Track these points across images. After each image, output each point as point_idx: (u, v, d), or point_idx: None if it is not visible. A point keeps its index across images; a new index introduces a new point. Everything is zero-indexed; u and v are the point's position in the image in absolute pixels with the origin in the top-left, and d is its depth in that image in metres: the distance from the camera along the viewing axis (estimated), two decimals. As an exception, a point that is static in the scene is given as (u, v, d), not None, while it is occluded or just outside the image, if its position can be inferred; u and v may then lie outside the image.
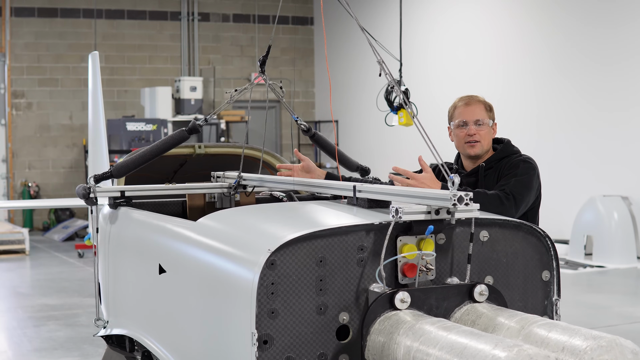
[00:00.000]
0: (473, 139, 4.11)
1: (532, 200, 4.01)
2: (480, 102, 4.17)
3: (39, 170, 17.13)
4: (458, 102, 4.21)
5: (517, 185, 3.93)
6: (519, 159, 4.08)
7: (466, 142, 4.14)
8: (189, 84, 16.80)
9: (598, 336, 2.50)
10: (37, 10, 16.95)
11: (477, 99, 4.19)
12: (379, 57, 3.39)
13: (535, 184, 4.01)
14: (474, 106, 4.14)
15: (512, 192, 3.89)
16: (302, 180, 4.16)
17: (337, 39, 17.68)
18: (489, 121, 4.14)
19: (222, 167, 5.02)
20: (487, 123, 4.13)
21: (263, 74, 4.19)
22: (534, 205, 4.07)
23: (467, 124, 4.12)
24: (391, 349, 2.65)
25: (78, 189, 4.25)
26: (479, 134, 4.11)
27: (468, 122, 4.12)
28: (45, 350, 7.15)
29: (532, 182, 3.99)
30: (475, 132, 4.10)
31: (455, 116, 4.18)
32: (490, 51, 14.30)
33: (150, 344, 3.77)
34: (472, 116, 4.12)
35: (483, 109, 4.14)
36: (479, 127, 4.11)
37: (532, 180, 3.99)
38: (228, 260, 3.03)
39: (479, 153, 4.13)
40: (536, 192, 4.04)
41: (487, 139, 4.14)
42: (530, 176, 3.99)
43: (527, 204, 3.98)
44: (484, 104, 4.18)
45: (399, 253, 2.86)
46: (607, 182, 11.98)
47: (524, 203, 3.93)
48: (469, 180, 4.13)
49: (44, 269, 11.99)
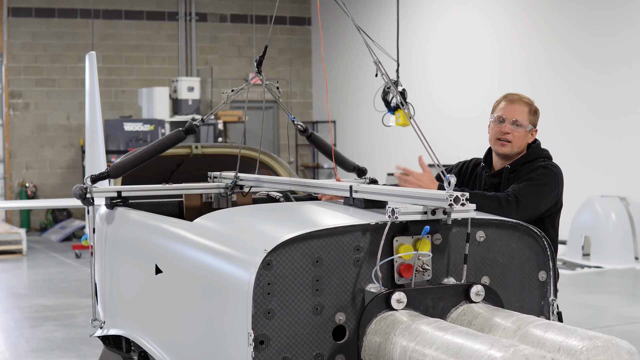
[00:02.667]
0: (505, 138, 4.01)
1: (543, 208, 3.88)
2: (525, 104, 4.06)
3: (36, 171, 17.12)
4: (503, 98, 4.11)
5: (525, 189, 3.83)
6: (539, 164, 3.97)
7: (497, 139, 4.04)
8: (186, 84, 16.79)
9: (594, 336, 2.50)
10: (34, 11, 16.94)
11: (524, 100, 4.08)
12: (375, 58, 3.38)
13: (549, 192, 3.88)
14: (517, 105, 4.05)
15: (516, 195, 3.78)
16: (298, 180, 4.16)
17: (335, 39, 17.68)
18: (528, 125, 4.03)
19: (219, 167, 5.01)
20: (524, 125, 4.02)
21: (260, 74, 4.19)
22: (550, 214, 3.95)
23: (504, 121, 4.03)
24: (387, 349, 2.65)
25: (75, 189, 4.25)
26: (513, 134, 4.01)
27: (506, 119, 4.02)
28: (43, 351, 7.14)
29: (544, 188, 3.87)
30: (510, 132, 4.01)
31: (497, 111, 4.08)
32: (487, 52, 14.30)
33: (147, 344, 3.77)
34: (511, 115, 4.02)
35: (526, 111, 4.04)
36: (515, 128, 4.01)
37: (545, 186, 3.87)
38: (224, 261, 3.02)
39: (507, 153, 4.03)
40: (552, 200, 3.91)
41: (520, 142, 4.03)
42: (543, 183, 3.88)
43: (536, 211, 3.84)
44: (529, 106, 4.07)
45: (396, 253, 2.85)
46: (604, 183, 11.99)
47: (529, 208, 3.80)
48: (493, 180, 4.05)
49: (41, 270, 11.97)
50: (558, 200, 3.97)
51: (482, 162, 4.19)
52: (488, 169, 4.15)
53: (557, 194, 3.95)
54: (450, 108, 14.72)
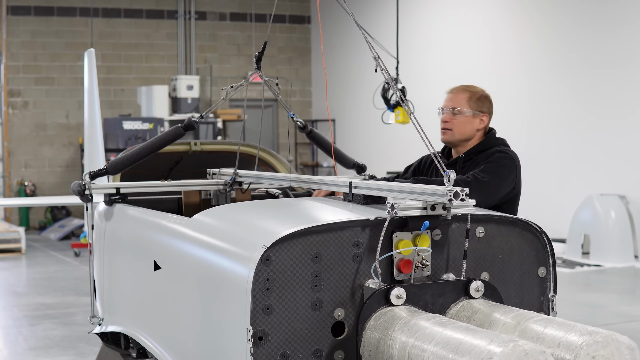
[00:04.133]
0: (445, 127, 4.07)
1: (504, 190, 3.85)
2: (466, 92, 4.08)
3: (35, 169, 17.11)
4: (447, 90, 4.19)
5: (484, 170, 3.82)
6: (495, 149, 3.99)
7: (441, 129, 4.10)
8: (185, 82, 16.77)
9: (594, 332, 2.49)
10: (33, 9, 16.92)
11: (466, 88, 4.11)
12: (374, 53, 3.37)
13: (508, 174, 3.87)
14: (454, 94, 4.09)
15: (475, 176, 3.77)
16: (297, 177, 4.15)
17: (335, 38, 17.68)
18: (468, 110, 4.03)
19: (218, 164, 5.00)
20: (464, 112, 4.03)
21: (259, 70, 4.17)
22: (508, 198, 3.92)
23: (443, 111, 4.10)
24: (386, 345, 2.64)
25: (73, 185, 4.24)
26: (452, 122, 4.04)
27: (444, 108, 4.09)
28: (41, 349, 7.13)
29: (503, 170, 3.86)
30: (448, 120, 4.05)
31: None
32: (486, 50, 14.30)
33: (146, 340, 3.76)
34: (449, 104, 4.08)
35: (465, 97, 4.05)
36: (454, 116, 4.04)
37: (504, 169, 3.86)
38: (223, 257, 3.02)
39: (448, 140, 4.08)
40: (511, 183, 3.89)
41: (462, 128, 4.04)
42: (502, 165, 3.87)
43: (497, 192, 3.81)
44: (471, 93, 4.08)
45: (395, 249, 2.85)
46: (604, 181, 11.98)
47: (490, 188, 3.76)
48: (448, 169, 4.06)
49: (40, 268, 11.96)
50: (516, 185, 3.95)
51: (440, 154, 4.18)
52: (446, 159, 4.17)
53: (515, 178, 3.93)
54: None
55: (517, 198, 4.00)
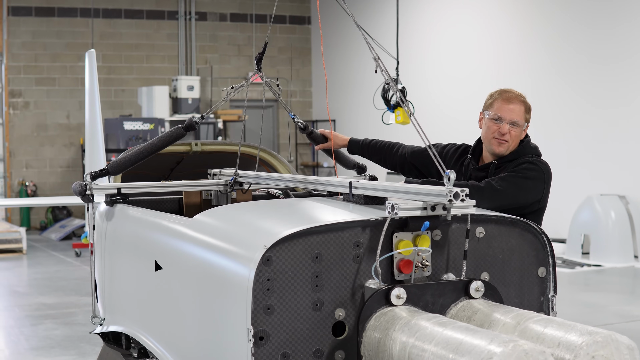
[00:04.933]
0: (503, 139, 3.94)
1: (524, 200, 3.78)
2: (521, 102, 3.98)
3: (36, 170, 17.11)
4: (499, 95, 4.01)
5: (505, 178, 3.76)
6: (526, 159, 3.91)
7: (494, 138, 3.95)
8: (186, 83, 16.78)
9: (594, 332, 2.50)
10: (34, 10, 16.93)
11: (520, 98, 4.00)
12: (374, 54, 3.38)
13: (532, 186, 3.81)
14: (513, 105, 3.95)
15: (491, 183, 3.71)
16: (299, 177, 4.17)
17: (335, 38, 17.68)
18: (525, 123, 3.98)
19: (219, 164, 5.01)
20: (521, 125, 3.96)
21: (260, 71, 4.19)
22: (533, 210, 3.85)
23: (502, 121, 3.94)
24: (387, 345, 2.65)
25: (74, 185, 4.25)
26: (510, 135, 3.93)
27: (504, 119, 3.94)
28: (43, 349, 7.14)
29: (527, 182, 3.79)
30: (507, 132, 3.93)
31: (493, 108, 3.98)
32: (487, 50, 14.30)
33: (147, 340, 3.77)
34: (509, 115, 3.94)
35: (522, 110, 3.97)
36: (513, 128, 3.94)
37: (528, 180, 3.80)
38: (224, 257, 3.02)
39: (503, 153, 3.96)
40: (536, 195, 3.83)
41: (516, 141, 3.97)
42: (526, 176, 3.80)
43: (515, 201, 3.74)
44: (525, 105, 3.99)
45: (395, 249, 2.85)
46: (604, 181, 11.99)
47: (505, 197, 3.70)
48: (478, 174, 3.97)
49: (41, 268, 11.97)
50: (542, 197, 3.88)
51: (470, 154, 4.10)
52: (475, 161, 4.08)
53: (542, 190, 3.87)
54: (450, 107, 14.72)
55: (542, 211, 3.93)
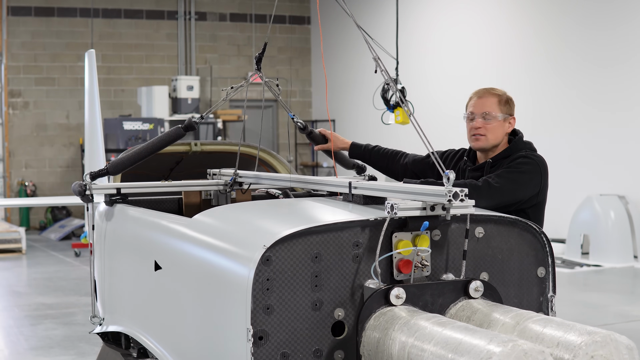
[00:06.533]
0: (478, 132, 3.99)
1: (522, 195, 3.80)
2: (494, 95, 4.03)
3: (35, 170, 17.12)
4: (473, 95, 4.09)
5: (501, 175, 3.78)
6: (520, 154, 3.94)
7: (472, 135, 4.02)
8: (185, 83, 16.78)
9: (593, 332, 2.50)
10: (33, 10, 16.93)
11: (492, 91, 4.06)
12: (374, 54, 3.38)
13: (528, 180, 3.82)
14: (485, 99, 4.02)
15: (488, 181, 3.73)
16: (298, 177, 4.17)
17: (334, 38, 17.69)
18: (500, 115, 3.99)
19: (218, 164, 5.01)
20: (496, 117, 3.98)
21: (259, 71, 4.19)
22: (532, 204, 3.87)
23: (474, 117, 4.01)
24: (386, 345, 2.65)
25: (74, 185, 4.25)
26: (485, 128, 3.98)
27: (475, 114, 4.00)
28: (42, 349, 7.14)
29: (522, 176, 3.81)
30: (481, 126, 3.98)
31: (468, 108, 4.07)
32: (487, 50, 14.30)
33: (146, 340, 3.77)
34: (480, 109, 4.00)
35: (495, 103, 4.00)
36: (487, 121, 3.98)
37: (523, 174, 3.82)
38: (223, 257, 3.03)
39: (483, 147, 4.00)
40: (533, 189, 3.85)
41: (494, 133, 3.99)
42: (522, 171, 3.82)
43: (513, 197, 3.77)
44: (499, 97, 4.03)
45: (395, 249, 2.86)
46: (604, 181, 11.99)
47: (503, 193, 3.72)
48: (474, 174, 3.99)
49: (40, 268, 11.97)
50: (541, 190, 3.90)
51: (465, 157, 4.15)
52: (471, 163, 4.12)
53: (539, 183, 3.89)
54: (449, 107, 14.72)
55: (542, 204, 3.95)
